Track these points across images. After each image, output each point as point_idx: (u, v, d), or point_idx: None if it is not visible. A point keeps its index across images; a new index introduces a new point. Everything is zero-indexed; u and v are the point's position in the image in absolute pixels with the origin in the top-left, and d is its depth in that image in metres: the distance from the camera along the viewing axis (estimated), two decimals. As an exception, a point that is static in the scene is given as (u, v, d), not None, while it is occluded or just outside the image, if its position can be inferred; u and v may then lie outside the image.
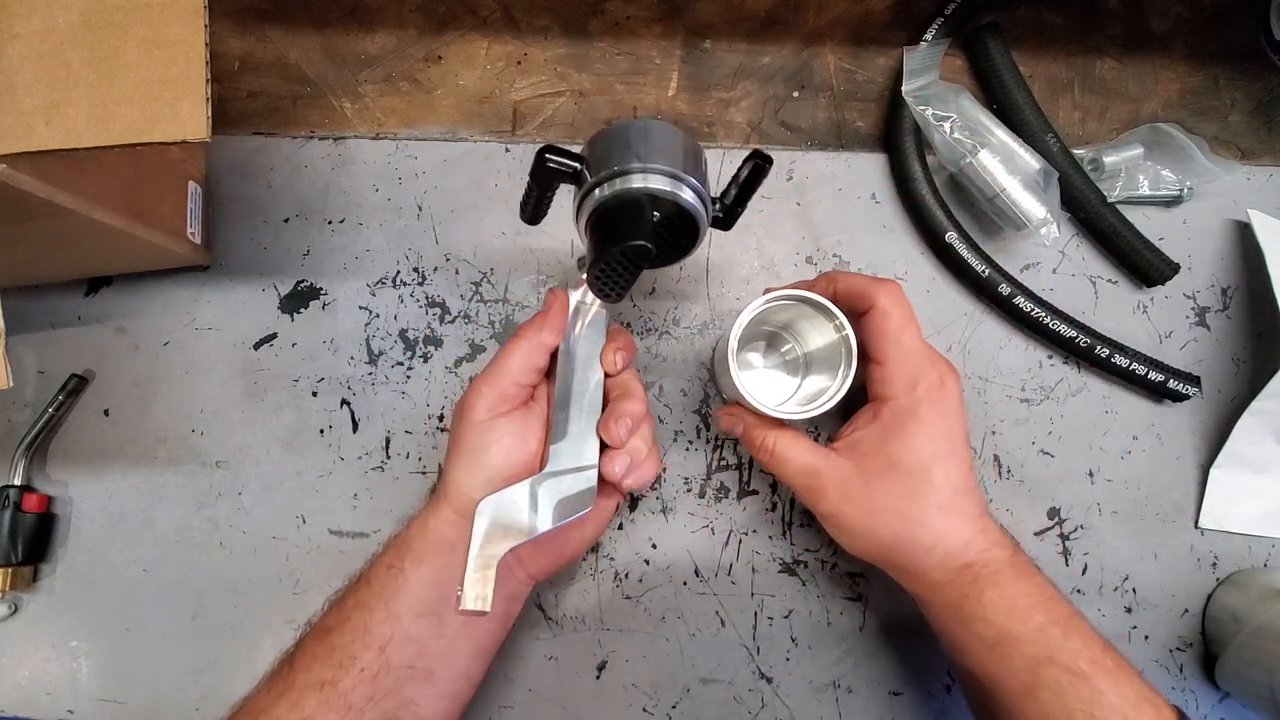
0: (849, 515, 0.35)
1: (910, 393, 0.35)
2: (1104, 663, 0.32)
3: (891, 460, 0.35)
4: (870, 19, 0.50)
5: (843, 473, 0.35)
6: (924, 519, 0.34)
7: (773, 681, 0.43)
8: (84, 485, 0.44)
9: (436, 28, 0.49)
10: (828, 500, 0.36)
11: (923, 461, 0.34)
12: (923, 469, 0.34)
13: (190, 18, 0.30)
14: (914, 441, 0.34)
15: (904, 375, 0.35)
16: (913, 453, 0.34)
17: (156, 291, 0.46)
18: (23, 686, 0.42)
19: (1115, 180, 0.48)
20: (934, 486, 0.34)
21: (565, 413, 0.37)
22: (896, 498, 0.34)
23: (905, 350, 0.35)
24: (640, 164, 0.32)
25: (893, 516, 0.34)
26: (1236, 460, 0.46)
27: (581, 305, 0.40)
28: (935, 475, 0.34)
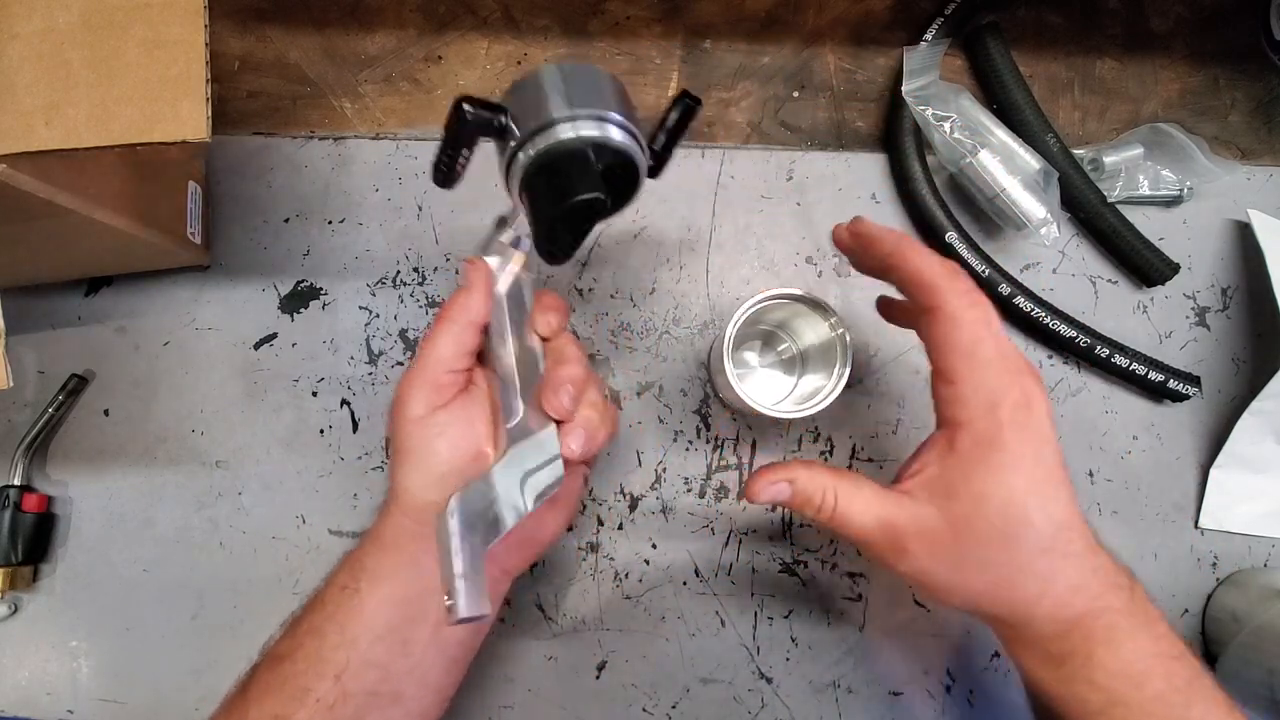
0: (938, 571, 0.29)
1: (990, 415, 0.28)
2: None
3: (979, 499, 0.28)
4: (870, 19, 0.50)
5: (925, 522, 0.29)
6: (1026, 564, 0.28)
7: (773, 681, 0.43)
8: (84, 485, 0.44)
9: (436, 28, 0.49)
10: (912, 558, 0.29)
11: (1016, 497, 0.28)
12: (1017, 506, 0.28)
13: (190, 18, 0.30)
14: (1003, 475, 0.28)
15: (981, 395, 0.29)
16: (1004, 488, 0.28)
17: (156, 291, 0.46)
18: (23, 686, 0.42)
19: (1115, 180, 0.48)
20: (1033, 527, 0.28)
21: (512, 389, 0.34)
22: (991, 545, 0.28)
23: (981, 365, 0.29)
24: (573, 110, 0.29)
25: (989, 566, 0.29)
26: (1236, 460, 0.46)
27: (501, 272, 0.36)
28: (1033, 513, 0.28)
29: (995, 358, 0.29)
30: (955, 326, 0.29)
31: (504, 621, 0.43)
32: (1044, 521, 0.28)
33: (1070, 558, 0.29)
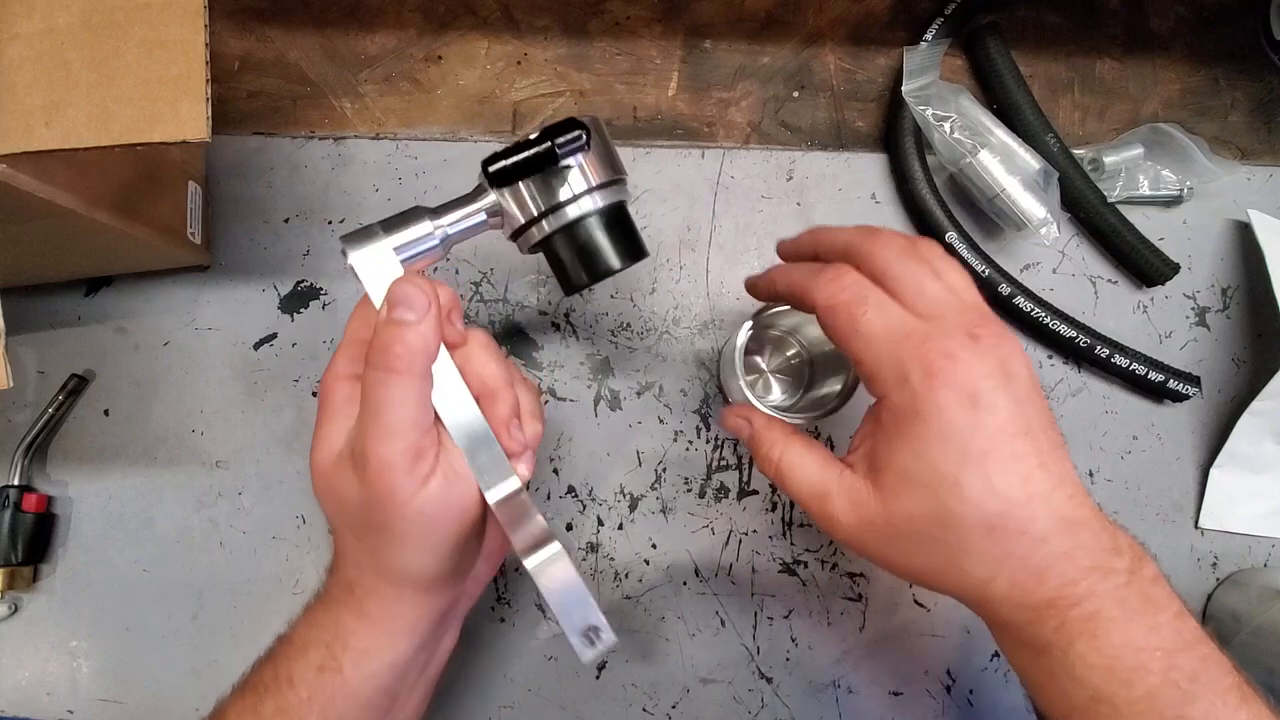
0: (870, 545, 0.28)
1: (903, 387, 0.26)
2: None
3: (903, 474, 0.27)
4: (870, 19, 0.50)
5: (856, 495, 0.28)
6: (966, 545, 0.26)
7: (773, 681, 0.43)
8: (84, 485, 0.44)
9: (436, 28, 0.49)
10: (841, 527, 0.28)
11: (942, 470, 0.26)
12: (946, 480, 0.25)
13: (190, 18, 0.30)
14: (925, 448, 0.26)
15: (887, 369, 0.27)
16: (927, 462, 0.26)
17: (156, 291, 0.46)
18: (23, 686, 0.42)
19: (1115, 180, 0.48)
20: (968, 501, 0.25)
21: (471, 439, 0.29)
22: (924, 520, 0.26)
23: (873, 341, 0.27)
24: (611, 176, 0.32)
25: (924, 545, 0.27)
26: (1236, 460, 0.46)
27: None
28: (969, 485, 0.25)
29: (883, 332, 0.27)
30: (833, 316, 0.29)
31: (504, 622, 0.43)
32: (985, 494, 0.25)
33: (1027, 537, 0.25)
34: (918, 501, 0.26)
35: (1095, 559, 0.25)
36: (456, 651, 0.38)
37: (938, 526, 0.26)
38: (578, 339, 0.46)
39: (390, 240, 0.30)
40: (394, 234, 0.30)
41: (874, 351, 0.27)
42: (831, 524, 0.29)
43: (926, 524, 0.26)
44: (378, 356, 0.27)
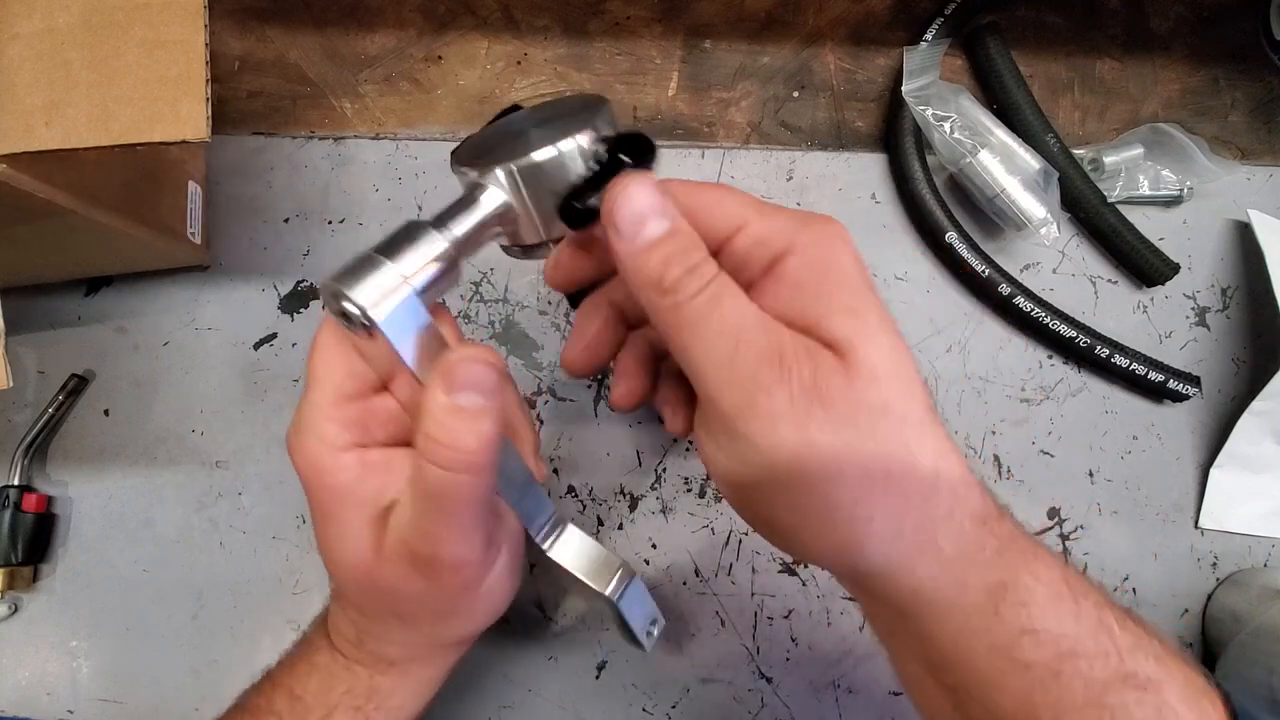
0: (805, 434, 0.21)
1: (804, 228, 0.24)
2: (1162, 655, 0.22)
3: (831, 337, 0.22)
4: (870, 19, 0.50)
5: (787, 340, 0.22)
6: (916, 424, 0.22)
7: (773, 681, 0.43)
8: (84, 485, 0.44)
9: (436, 28, 0.49)
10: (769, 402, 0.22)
11: (872, 335, 0.22)
12: (876, 345, 0.22)
13: (190, 18, 0.30)
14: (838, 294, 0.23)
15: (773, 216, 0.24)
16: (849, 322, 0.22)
17: (156, 291, 0.46)
18: (23, 686, 0.42)
19: (1115, 180, 0.48)
20: (899, 374, 0.22)
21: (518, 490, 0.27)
22: (866, 390, 0.21)
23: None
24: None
25: (868, 421, 0.21)
26: (1236, 460, 0.46)
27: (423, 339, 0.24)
28: (893, 355, 0.22)
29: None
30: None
31: (505, 621, 0.43)
32: (910, 375, 0.22)
33: (946, 438, 0.23)
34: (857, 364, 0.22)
35: (982, 484, 0.24)
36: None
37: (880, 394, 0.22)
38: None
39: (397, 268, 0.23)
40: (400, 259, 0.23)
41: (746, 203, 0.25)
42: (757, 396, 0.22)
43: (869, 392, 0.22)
44: (446, 455, 0.22)
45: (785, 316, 0.22)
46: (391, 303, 0.22)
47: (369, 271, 0.23)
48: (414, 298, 0.23)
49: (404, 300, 0.23)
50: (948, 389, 0.47)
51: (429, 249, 0.24)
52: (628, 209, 0.22)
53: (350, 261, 0.23)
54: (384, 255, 0.23)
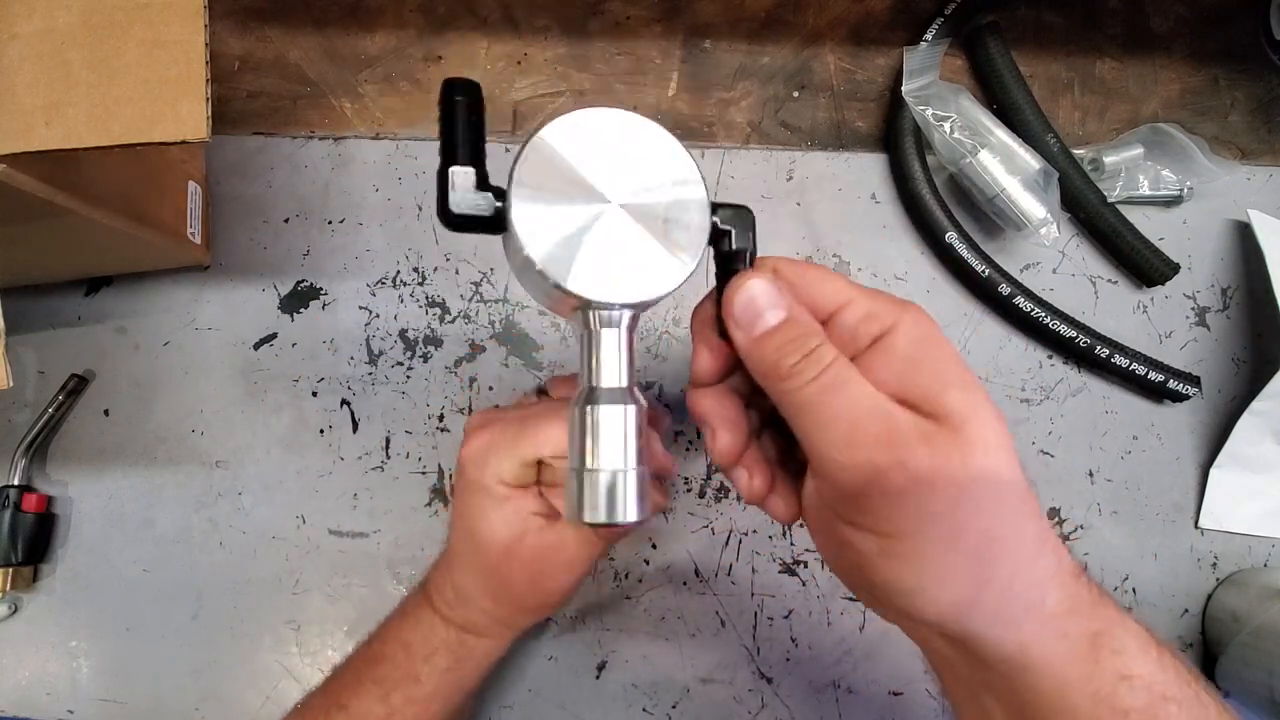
0: (940, 500, 0.22)
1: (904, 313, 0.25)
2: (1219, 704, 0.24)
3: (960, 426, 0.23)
4: (870, 19, 0.50)
5: (923, 427, 0.23)
6: (1022, 503, 0.23)
7: (773, 681, 0.43)
8: (84, 485, 0.44)
9: (436, 28, 0.49)
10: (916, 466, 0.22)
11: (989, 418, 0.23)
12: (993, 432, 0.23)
13: (190, 18, 0.30)
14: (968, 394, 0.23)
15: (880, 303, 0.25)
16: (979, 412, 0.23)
17: (156, 291, 0.46)
18: (23, 686, 0.42)
19: (1115, 180, 0.48)
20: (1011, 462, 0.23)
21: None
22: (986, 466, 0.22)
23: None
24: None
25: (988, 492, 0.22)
26: (1236, 460, 0.46)
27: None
28: (1006, 441, 0.23)
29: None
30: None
31: (504, 621, 0.43)
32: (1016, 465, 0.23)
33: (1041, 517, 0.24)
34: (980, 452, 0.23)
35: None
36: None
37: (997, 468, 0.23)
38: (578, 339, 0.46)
39: (637, 467, 0.25)
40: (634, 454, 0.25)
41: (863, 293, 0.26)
42: (906, 459, 0.22)
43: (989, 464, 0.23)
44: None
45: (898, 389, 0.23)
46: (633, 498, 0.25)
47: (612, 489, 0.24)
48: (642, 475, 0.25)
49: (637, 487, 0.25)
50: (948, 389, 0.47)
51: (632, 423, 0.25)
52: (744, 302, 0.24)
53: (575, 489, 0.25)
54: (595, 466, 0.25)
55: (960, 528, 0.22)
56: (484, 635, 0.35)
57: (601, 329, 0.24)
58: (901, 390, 0.23)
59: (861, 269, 0.48)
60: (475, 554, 0.33)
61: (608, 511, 0.24)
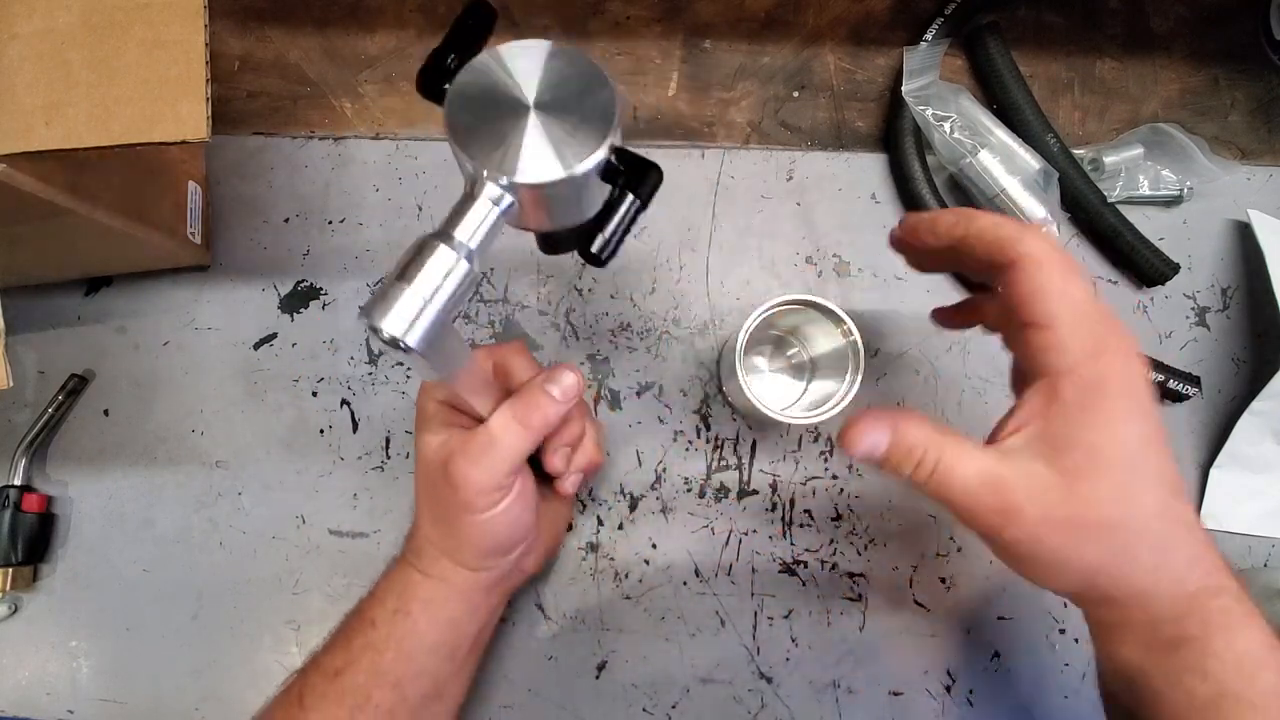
0: (1049, 536, 0.26)
1: (1095, 361, 0.26)
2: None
3: (1092, 451, 0.25)
4: (870, 19, 0.50)
5: (1036, 478, 0.26)
6: (1144, 529, 0.26)
7: (773, 681, 0.43)
8: (84, 485, 0.44)
9: (436, 28, 0.49)
10: (1023, 520, 0.26)
11: (1133, 448, 0.26)
12: (1134, 460, 0.26)
13: (190, 18, 0.30)
14: (1116, 425, 0.25)
15: (1082, 339, 0.26)
16: (1116, 436, 0.25)
17: (156, 291, 0.46)
18: (23, 686, 0.42)
19: (1115, 180, 0.48)
20: (1150, 482, 0.26)
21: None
22: (1109, 503, 0.25)
23: (1078, 308, 0.26)
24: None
25: (1106, 530, 0.26)
26: (1236, 460, 0.46)
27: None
28: (1150, 466, 0.26)
29: (1091, 302, 0.27)
30: (1041, 269, 0.27)
31: (505, 621, 0.43)
32: (1159, 480, 0.26)
33: (1183, 525, 0.26)
34: (1106, 481, 0.25)
35: (1219, 558, 0.27)
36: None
37: (1122, 507, 0.26)
38: (578, 339, 0.46)
39: (417, 291, 0.25)
40: (415, 279, 0.25)
41: (1076, 318, 0.26)
42: (1010, 517, 0.26)
43: (1111, 504, 0.26)
44: (518, 409, 0.33)
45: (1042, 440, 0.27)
46: (420, 327, 0.25)
47: (394, 300, 0.25)
48: (439, 317, 0.25)
49: (431, 322, 0.25)
50: (948, 389, 0.47)
51: (437, 259, 0.25)
52: (859, 445, 0.28)
53: (376, 292, 0.25)
54: (403, 280, 0.25)
55: (1072, 562, 0.26)
56: (427, 573, 0.35)
57: (480, 195, 0.26)
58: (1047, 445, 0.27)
59: (861, 269, 0.48)
60: (418, 469, 0.35)
61: (390, 320, 0.24)
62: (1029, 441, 0.27)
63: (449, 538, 0.35)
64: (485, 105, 0.26)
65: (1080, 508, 0.26)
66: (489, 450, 0.32)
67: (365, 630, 0.35)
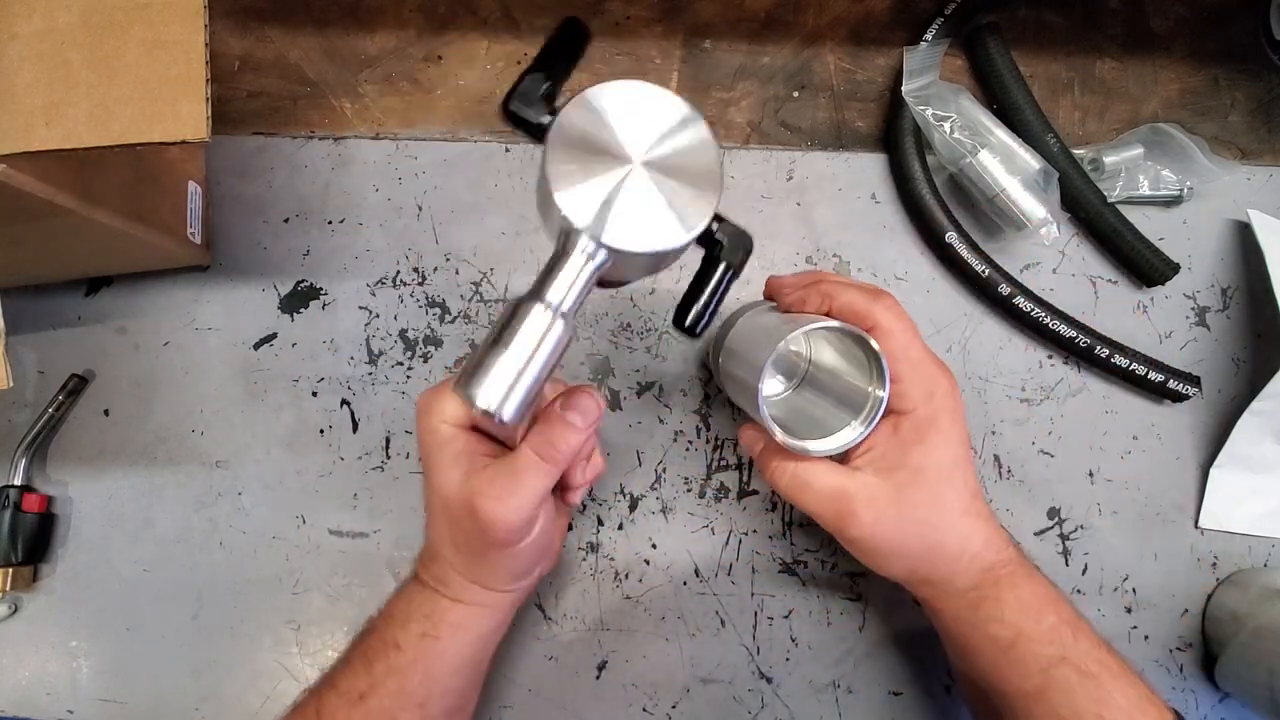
0: (881, 535, 0.34)
1: (929, 402, 0.34)
2: (1110, 664, 0.33)
3: (917, 470, 0.34)
4: (870, 19, 0.50)
5: (872, 490, 0.34)
6: (952, 526, 0.34)
7: (773, 681, 0.43)
8: (84, 485, 0.44)
9: (436, 28, 0.49)
10: (859, 522, 0.34)
11: (945, 468, 0.34)
12: (946, 475, 0.34)
13: (190, 18, 0.30)
14: (936, 450, 0.34)
15: (919, 387, 0.34)
16: (935, 460, 0.34)
17: (156, 291, 0.46)
18: (23, 686, 0.42)
19: (1115, 180, 0.48)
20: (957, 491, 0.34)
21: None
22: (925, 508, 0.34)
23: (916, 364, 0.34)
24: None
25: (924, 528, 0.34)
26: (1236, 460, 0.46)
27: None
28: (957, 480, 0.34)
29: (925, 356, 0.34)
30: (890, 338, 0.34)
31: (504, 621, 0.43)
32: (964, 487, 0.34)
33: (982, 519, 0.35)
34: (925, 492, 0.34)
35: (1007, 537, 0.35)
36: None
37: (937, 512, 0.34)
38: (578, 339, 0.46)
39: (514, 358, 0.24)
40: (510, 344, 0.24)
41: (915, 373, 0.34)
42: (849, 520, 0.34)
43: (929, 511, 0.34)
44: (543, 445, 0.32)
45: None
46: (515, 398, 0.24)
47: (489, 368, 0.24)
48: (534, 385, 0.25)
49: (526, 391, 0.24)
50: (948, 389, 0.47)
51: (536, 328, 0.25)
52: (744, 438, 0.39)
53: (470, 360, 0.25)
54: (498, 346, 0.24)
55: (898, 553, 0.35)
56: (457, 599, 0.35)
57: (573, 253, 0.25)
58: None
59: (861, 269, 0.48)
60: (434, 499, 0.34)
61: (487, 395, 0.24)
62: (872, 462, 0.35)
63: (478, 568, 0.35)
64: (587, 155, 0.24)
65: (905, 510, 0.34)
66: (516, 491, 0.31)
67: (388, 654, 0.35)
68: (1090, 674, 0.33)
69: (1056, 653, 0.33)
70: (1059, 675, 0.33)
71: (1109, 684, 0.33)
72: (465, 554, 0.34)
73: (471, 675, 0.37)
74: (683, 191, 0.25)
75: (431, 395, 0.34)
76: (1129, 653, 0.45)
